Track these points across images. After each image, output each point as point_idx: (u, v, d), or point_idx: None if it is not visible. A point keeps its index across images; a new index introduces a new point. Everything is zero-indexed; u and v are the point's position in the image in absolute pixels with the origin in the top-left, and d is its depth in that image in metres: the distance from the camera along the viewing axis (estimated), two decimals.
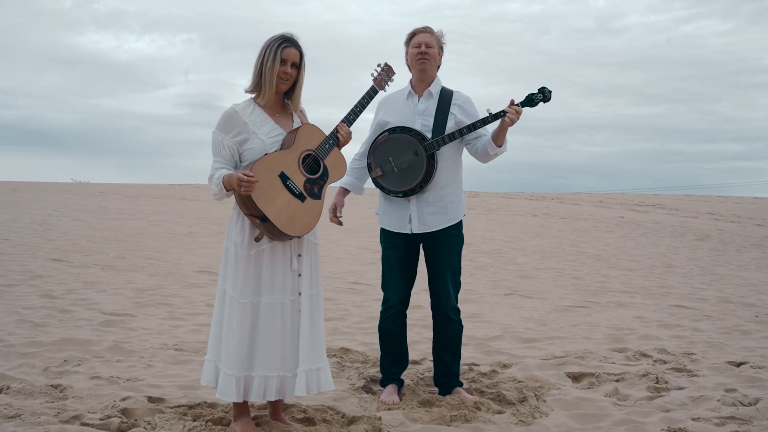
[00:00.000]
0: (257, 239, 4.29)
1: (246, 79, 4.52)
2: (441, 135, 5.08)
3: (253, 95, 4.47)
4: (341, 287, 10.00)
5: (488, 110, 5.05)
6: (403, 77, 5.28)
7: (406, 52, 5.30)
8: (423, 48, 5.19)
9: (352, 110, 4.67)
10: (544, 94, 5.09)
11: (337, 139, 4.51)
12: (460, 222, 5.31)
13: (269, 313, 4.33)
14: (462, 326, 5.35)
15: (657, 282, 11.71)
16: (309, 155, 4.43)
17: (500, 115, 4.99)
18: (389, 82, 4.86)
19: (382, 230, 5.38)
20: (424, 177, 5.08)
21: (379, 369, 5.52)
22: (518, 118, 4.99)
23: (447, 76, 5.33)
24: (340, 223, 5.48)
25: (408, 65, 5.32)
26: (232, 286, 4.35)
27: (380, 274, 5.45)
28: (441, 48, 5.31)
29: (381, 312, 5.41)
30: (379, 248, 5.44)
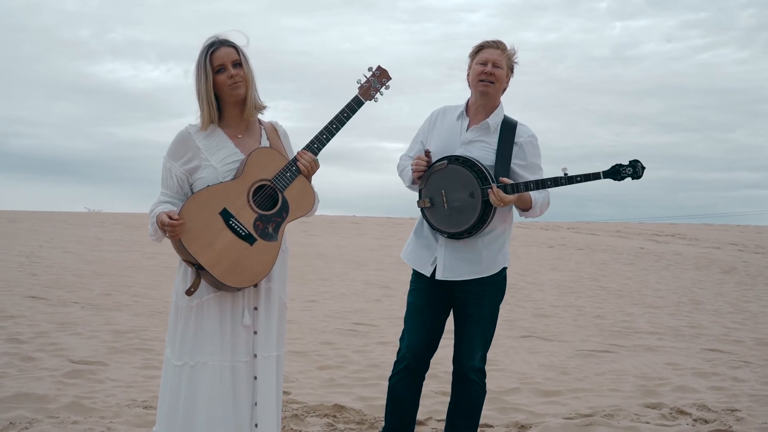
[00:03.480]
0: (189, 292, 3.50)
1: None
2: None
3: (199, 123, 3.71)
4: (342, 328, 9.15)
5: (564, 170, 4.13)
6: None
7: (469, 67, 4.42)
8: (489, 67, 4.30)
9: (323, 131, 3.79)
10: (635, 170, 4.15)
11: (298, 168, 3.71)
12: (501, 273, 4.42)
13: (212, 379, 3.53)
14: (485, 391, 4.52)
15: (686, 321, 10.81)
16: (263, 186, 3.63)
17: (576, 180, 4.10)
18: (382, 91, 3.97)
19: (412, 270, 4.55)
20: (475, 224, 4.22)
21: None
22: (504, 206, 4.14)
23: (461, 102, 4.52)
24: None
25: (468, 83, 4.44)
26: (170, 345, 3.58)
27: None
28: (511, 69, 4.41)
29: (394, 364, 4.57)
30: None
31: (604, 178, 4.14)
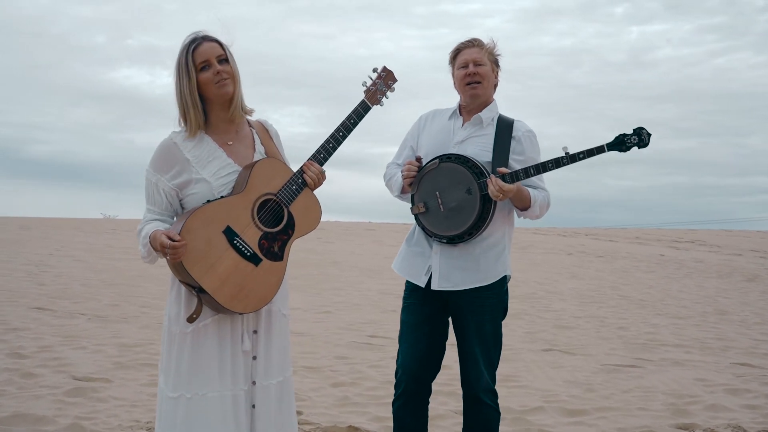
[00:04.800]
0: (191, 319, 3.19)
1: (278, 113, 3.47)
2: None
3: (182, 130, 3.38)
4: (357, 341, 8.83)
5: (565, 149, 3.84)
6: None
7: (452, 75, 4.15)
8: (471, 68, 4.03)
9: (329, 139, 3.49)
10: (640, 137, 3.87)
11: (304, 181, 3.39)
12: (501, 283, 4.10)
13: (212, 412, 3.20)
14: (499, 412, 4.13)
15: (712, 333, 10.43)
16: (269, 201, 3.32)
17: (579, 157, 3.81)
18: (388, 93, 3.68)
19: (405, 281, 4.23)
20: (476, 222, 3.90)
21: None
22: (504, 197, 3.83)
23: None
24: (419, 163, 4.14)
25: (456, 90, 4.16)
26: (163, 374, 3.26)
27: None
28: (496, 63, 4.13)
29: (394, 387, 4.22)
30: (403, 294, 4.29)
31: (609, 150, 3.86)
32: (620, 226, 44.27)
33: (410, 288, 4.18)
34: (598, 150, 3.84)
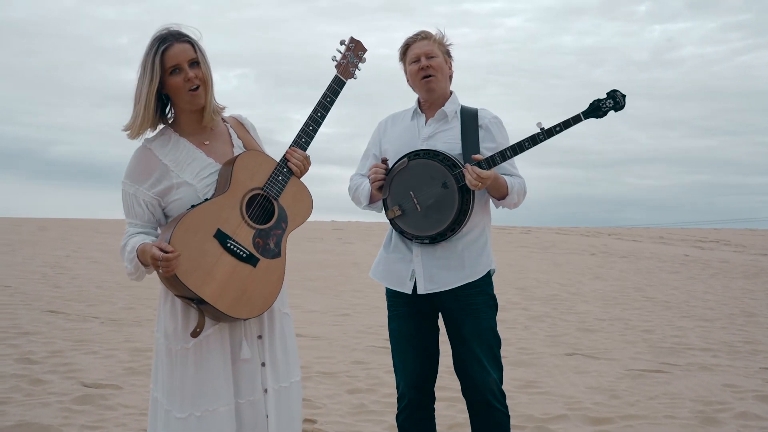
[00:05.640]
0: (194, 334, 2.98)
1: (300, 113, 3.27)
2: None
3: (155, 135, 3.18)
4: (374, 345, 8.63)
5: (539, 125, 3.68)
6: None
7: (405, 72, 3.99)
8: (423, 61, 3.87)
9: (308, 122, 3.30)
10: (615, 100, 3.71)
11: (289, 169, 3.20)
12: (487, 278, 3.92)
13: (223, 427, 3.00)
14: (509, 416, 3.92)
15: (740, 336, 10.14)
16: (256, 196, 3.12)
17: (555, 131, 3.65)
18: (360, 65, 3.49)
19: (386, 289, 4.03)
20: (457, 216, 3.72)
21: None
22: (482, 185, 3.64)
23: (501, 110, 4.01)
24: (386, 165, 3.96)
25: (411, 87, 4.00)
26: (165, 395, 3.05)
27: None
28: (448, 54, 3.97)
29: (397, 401, 4.07)
30: None
31: (586, 118, 3.71)
32: (643, 226, 43.91)
33: (393, 295, 4.01)
34: (575, 120, 3.70)
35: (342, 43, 3.50)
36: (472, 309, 3.85)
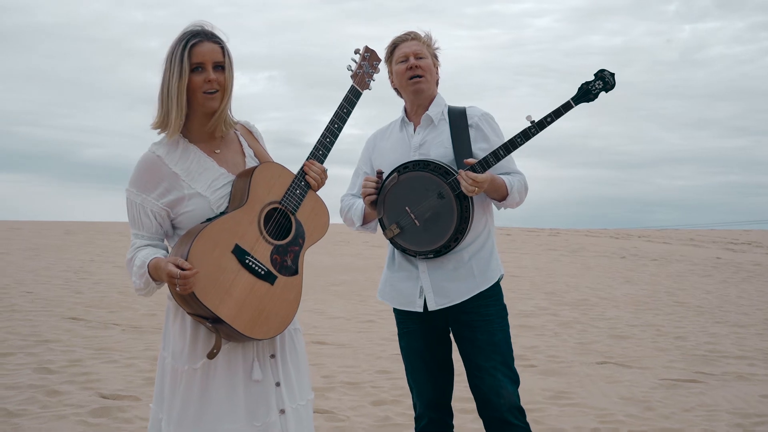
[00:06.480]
0: (212, 355, 2.82)
1: (328, 116, 3.13)
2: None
3: (162, 132, 3.01)
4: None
5: (529, 118, 3.52)
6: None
7: (390, 72, 3.82)
8: (412, 60, 3.71)
9: (325, 134, 3.16)
10: (604, 81, 3.56)
11: (307, 183, 3.03)
12: (497, 285, 3.76)
13: None
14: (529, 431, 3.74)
15: None
16: (274, 211, 2.96)
17: (546, 122, 3.49)
18: (374, 77, 3.36)
19: (394, 308, 3.89)
20: (458, 226, 3.57)
21: None
22: (479, 190, 3.49)
23: (530, 110, 3.84)
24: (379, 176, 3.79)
25: (396, 89, 3.84)
26: (173, 419, 2.89)
27: None
28: (435, 56, 3.81)
29: (414, 420, 3.95)
30: None
31: (577, 104, 3.56)
32: (673, 227, 43.45)
33: (402, 313, 3.85)
34: (566, 107, 3.56)
35: (357, 52, 3.37)
36: (487, 320, 3.70)
